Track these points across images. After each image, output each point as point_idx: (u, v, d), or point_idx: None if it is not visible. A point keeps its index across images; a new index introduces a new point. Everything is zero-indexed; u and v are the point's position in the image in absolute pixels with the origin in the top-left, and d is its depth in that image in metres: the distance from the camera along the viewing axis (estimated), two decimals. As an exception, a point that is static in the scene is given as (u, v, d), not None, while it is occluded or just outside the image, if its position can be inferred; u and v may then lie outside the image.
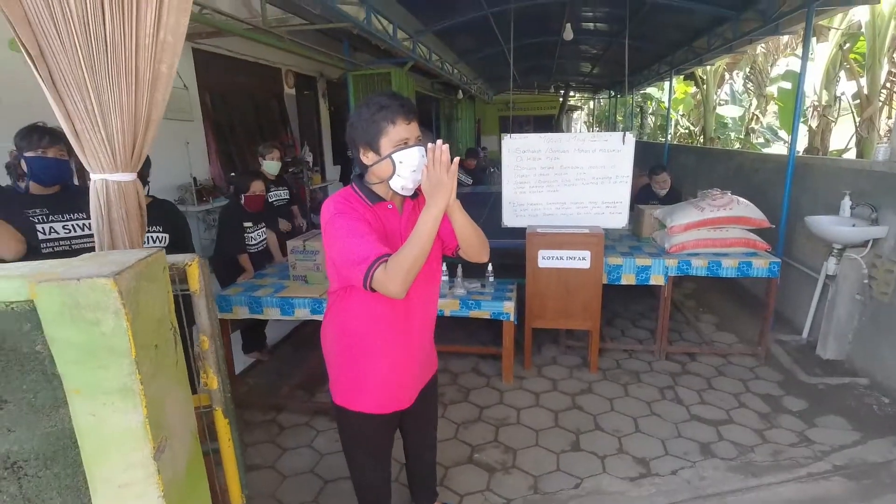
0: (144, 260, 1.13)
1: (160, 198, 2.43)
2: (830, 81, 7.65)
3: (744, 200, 3.49)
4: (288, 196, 4.29)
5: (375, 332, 1.57)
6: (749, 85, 12.42)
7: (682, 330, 4.13)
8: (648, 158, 8.04)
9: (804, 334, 3.82)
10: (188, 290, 1.44)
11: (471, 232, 1.52)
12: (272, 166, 3.99)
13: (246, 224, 3.38)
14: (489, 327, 3.79)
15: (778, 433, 2.75)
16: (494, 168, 8.73)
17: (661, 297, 3.47)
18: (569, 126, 21.39)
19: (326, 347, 1.69)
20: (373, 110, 1.42)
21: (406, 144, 1.43)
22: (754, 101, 12.20)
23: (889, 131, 7.00)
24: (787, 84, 8.98)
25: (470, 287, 3.21)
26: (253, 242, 3.43)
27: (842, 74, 7.82)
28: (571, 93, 17.26)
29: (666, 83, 9.99)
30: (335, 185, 7.68)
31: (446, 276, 3.18)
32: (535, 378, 3.38)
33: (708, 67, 10.25)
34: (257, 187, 3.34)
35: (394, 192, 1.52)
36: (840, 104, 7.96)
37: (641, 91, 14.62)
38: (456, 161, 1.33)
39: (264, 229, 3.54)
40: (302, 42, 4.99)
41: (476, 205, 5.01)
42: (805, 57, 4.03)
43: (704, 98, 11.60)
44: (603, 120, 20.67)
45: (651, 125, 18.18)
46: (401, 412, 1.71)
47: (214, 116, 5.24)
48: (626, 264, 3.42)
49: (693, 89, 13.43)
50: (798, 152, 6.42)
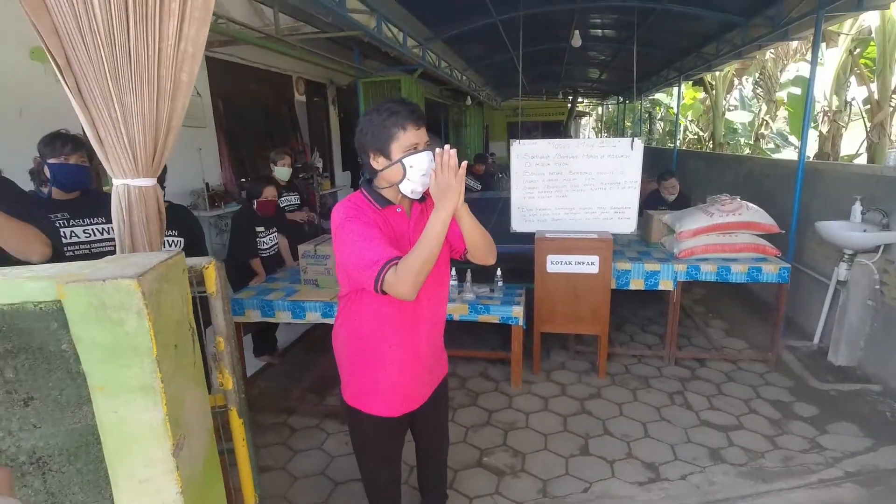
0: (165, 262, 1.17)
1: (175, 203, 2.49)
2: (841, 86, 7.61)
3: (753, 206, 3.49)
4: (299, 201, 4.34)
5: (385, 335, 1.59)
6: (758, 90, 12.38)
7: (692, 335, 4.12)
8: (657, 164, 8.05)
9: (815, 340, 3.80)
10: (204, 292, 1.48)
11: (478, 235, 1.54)
12: (283, 172, 4.04)
13: (258, 229, 3.44)
14: (498, 332, 3.80)
15: (789, 439, 2.74)
16: (503, 174, 8.75)
17: (670, 303, 3.47)
18: (577, 132, 21.42)
19: (338, 350, 1.71)
20: (383, 116, 1.45)
21: (416, 149, 1.46)
22: (764, 107, 12.15)
23: (901, 136, 6.95)
24: (797, 89, 8.95)
25: (479, 292, 3.23)
26: (265, 247, 3.48)
27: (852, 79, 7.78)
28: (580, 99, 17.30)
29: (675, 89, 9.98)
30: (344, 191, 7.74)
31: (455, 281, 3.21)
32: (544, 383, 3.39)
33: (717, 73, 10.26)
34: (270, 192, 3.40)
35: (402, 196, 1.55)
36: (851, 109, 7.91)
37: (650, 97, 14.61)
38: (464, 165, 1.36)
39: (276, 234, 3.59)
40: (313, 50, 5.07)
41: (485, 210, 5.03)
42: (814, 62, 4.02)
43: (713, 103, 11.59)
44: (611, 126, 20.67)
45: (660, 131, 18.16)
46: (412, 414, 1.73)
47: (227, 123, 5.32)
48: (635, 269, 3.42)
49: (702, 95, 13.41)
50: (809, 157, 6.38)
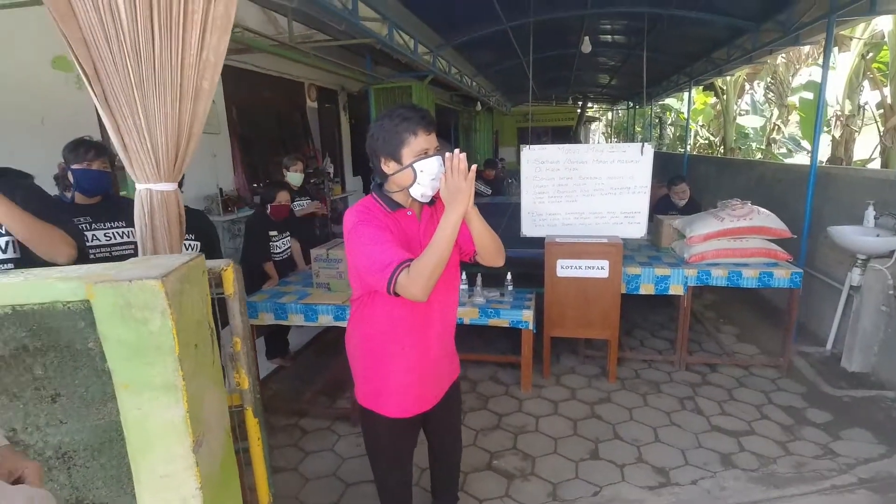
0: (187, 264, 1.21)
1: (191, 207, 2.54)
2: (853, 91, 7.55)
3: (764, 210, 3.48)
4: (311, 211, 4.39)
5: (397, 336, 1.62)
6: (770, 95, 12.30)
7: (703, 341, 4.10)
8: (667, 169, 8.03)
9: (828, 346, 3.76)
10: (222, 294, 1.52)
11: (488, 237, 1.58)
12: (296, 178, 4.11)
13: (271, 233, 3.49)
14: (508, 336, 3.82)
15: (801, 445, 2.72)
16: (512, 179, 8.78)
17: (681, 307, 3.46)
18: (587, 137, 21.39)
19: (351, 352, 1.74)
20: (395, 122, 1.49)
21: (426, 154, 1.49)
22: (775, 111, 12.07)
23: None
24: (809, 94, 8.89)
25: (489, 296, 3.25)
26: (278, 251, 3.53)
27: (865, 84, 7.72)
28: (589, 104, 17.29)
29: (685, 94, 9.96)
30: (354, 196, 7.81)
31: (466, 285, 3.23)
32: (554, 387, 3.39)
33: (728, 78, 10.22)
34: (283, 197, 3.45)
35: (413, 200, 1.58)
36: (864, 114, 7.84)
37: (660, 102, 14.57)
38: (473, 168, 1.39)
39: (289, 238, 3.64)
40: (325, 57, 5.14)
41: (495, 215, 5.06)
42: (826, 67, 4.01)
43: (724, 108, 11.54)
44: (621, 131, 20.62)
45: (670, 136, 18.09)
46: (424, 416, 1.76)
47: (240, 129, 5.41)
48: (645, 274, 3.42)
49: (713, 100, 13.36)
50: (821, 162, 6.33)
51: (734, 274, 3.33)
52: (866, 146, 8.30)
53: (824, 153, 8.21)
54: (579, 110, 16.65)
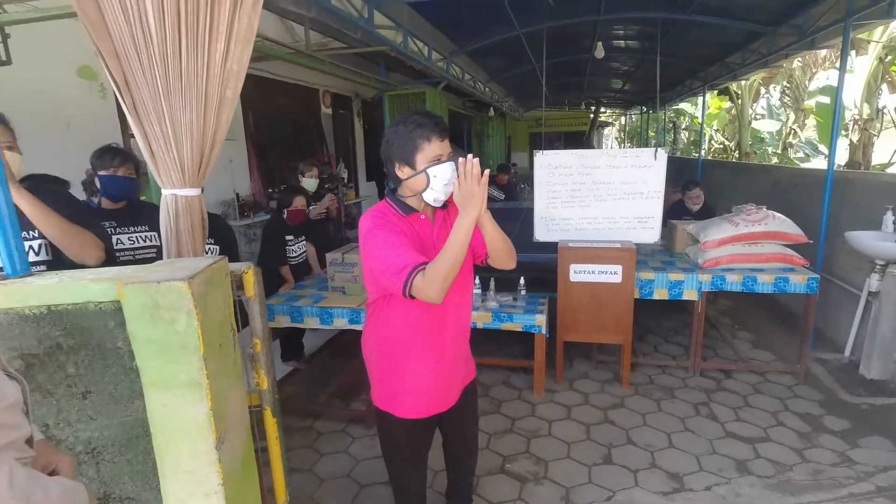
0: (211, 267, 1.25)
1: (211, 212, 2.60)
2: (872, 95, 7.46)
3: (780, 215, 3.45)
4: (325, 211, 4.45)
5: (413, 338, 1.65)
6: (786, 99, 12.17)
7: (717, 347, 4.07)
8: (682, 174, 7.98)
9: (846, 353, 3.72)
10: (240, 296, 1.56)
11: (499, 240, 1.61)
12: (311, 183, 4.16)
13: (287, 237, 3.55)
14: (520, 341, 3.82)
15: (818, 453, 2.69)
16: (525, 184, 8.79)
17: (695, 313, 3.45)
18: (600, 142, 21.31)
19: (367, 355, 1.78)
20: (410, 128, 1.53)
21: (439, 160, 1.53)
22: (792, 116, 11.93)
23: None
24: (826, 98, 8.78)
25: (502, 300, 3.27)
26: (294, 255, 3.59)
27: (884, 87, 7.62)
28: (602, 109, 17.24)
29: (699, 98, 9.89)
30: (368, 201, 7.88)
31: (479, 290, 3.25)
32: (567, 392, 3.39)
33: (742, 82, 10.14)
34: (299, 202, 3.51)
35: (426, 204, 1.62)
36: (883, 118, 7.73)
37: (674, 107, 14.48)
38: (486, 173, 1.42)
39: (304, 242, 3.70)
40: (340, 64, 5.22)
41: (508, 220, 5.06)
42: (842, 70, 3.98)
43: (739, 113, 11.45)
44: (635, 136, 20.51)
45: (684, 140, 17.95)
46: (439, 418, 1.78)
47: (256, 135, 5.50)
48: (659, 279, 3.42)
49: (727, 104, 13.25)
50: (839, 166, 6.25)
51: (749, 279, 3.31)
52: (885, 150, 8.18)
53: (842, 157, 8.11)
54: (592, 115, 16.61)
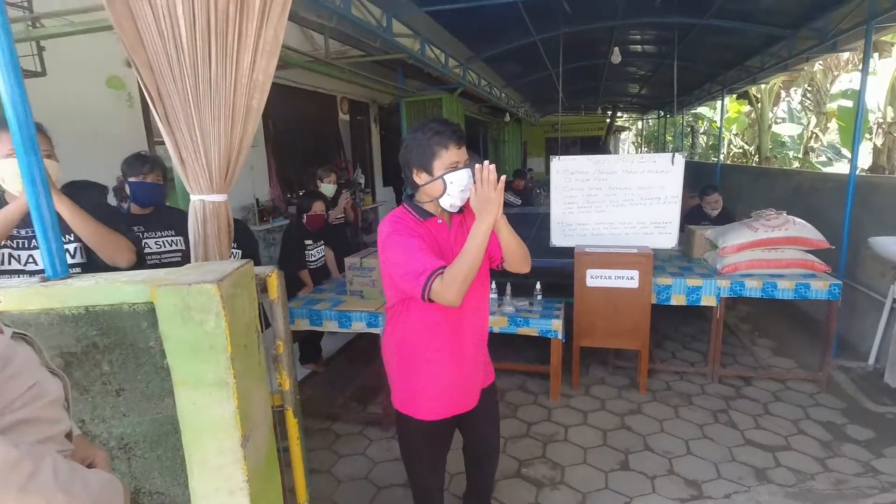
0: (238, 270, 1.30)
1: (234, 218, 2.67)
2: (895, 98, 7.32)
3: (800, 220, 3.41)
4: (343, 216, 4.51)
5: (431, 341, 1.69)
6: (807, 102, 11.99)
7: (737, 354, 4.02)
8: (700, 179, 7.90)
9: (870, 361, 3.65)
10: (266, 298, 1.61)
11: (515, 244, 1.64)
12: (329, 189, 4.23)
13: (306, 242, 3.61)
14: (536, 346, 3.82)
15: (841, 462, 2.65)
16: (541, 189, 8.79)
17: (713, 319, 3.42)
18: (616, 147, 21.16)
19: (387, 358, 1.82)
20: (428, 135, 1.57)
21: (456, 167, 1.57)
22: (813, 119, 11.74)
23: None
24: (848, 102, 8.64)
25: (518, 305, 3.29)
26: (312, 259, 3.65)
27: (909, 90, 7.47)
28: (619, 114, 17.13)
29: (717, 102, 9.79)
30: (385, 206, 7.95)
31: (495, 294, 3.27)
32: (583, 397, 3.38)
33: (762, 86, 10.02)
34: (319, 207, 3.58)
35: (443, 209, 1.66)
36: (908, 121, 7.58)
37: (692, 111, 14.34)
38: (503, 179, 1.45)
39: (323, 247, 3.76)
40: (358, 72, 5.30)
41: (524, 225, 5.09)
42: (865, 73, 3.93)
43: (759, 117, 11.31)
44: (652, 140, 20.36)
45: (702, 145, 17.76)
46: (458, 420, 1.80)
47: (275, 142, 5.61)
48: (676, 284, 3.40)
49: (747, 108, 13.09)
50: (863, 170, 6.14)
51: (769, 285, 3.27)
52: (911, 154, 8.00)
53: (865, 161, 7.96)
54: (608, 120, 16.52)
